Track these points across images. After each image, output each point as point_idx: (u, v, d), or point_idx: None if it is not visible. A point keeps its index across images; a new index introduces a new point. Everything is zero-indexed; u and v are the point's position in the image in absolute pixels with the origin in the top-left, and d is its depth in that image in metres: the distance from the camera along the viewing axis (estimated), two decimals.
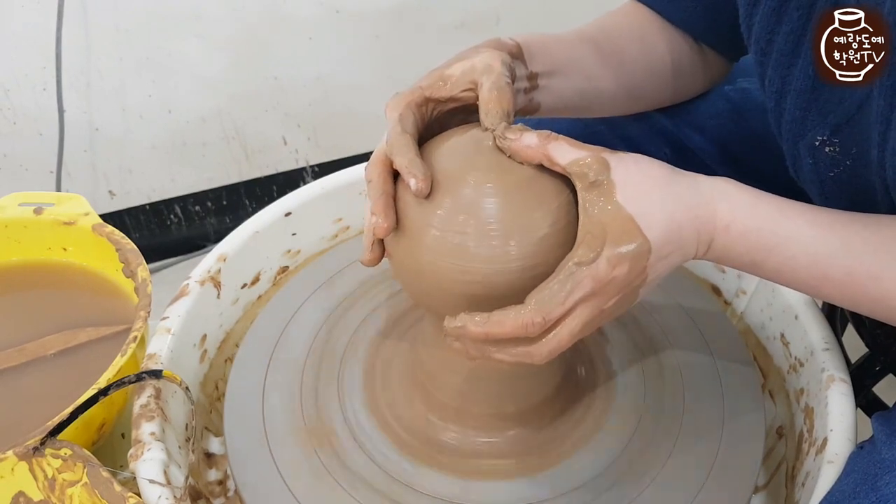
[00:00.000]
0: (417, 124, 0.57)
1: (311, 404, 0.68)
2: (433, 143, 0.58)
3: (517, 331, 0.50)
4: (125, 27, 1.35)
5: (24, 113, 1.38)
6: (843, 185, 0.60)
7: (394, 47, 1.53)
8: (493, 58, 0.57)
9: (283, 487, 0.62)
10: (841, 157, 0.58)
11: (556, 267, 0.51)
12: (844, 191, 0.60)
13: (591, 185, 0.52)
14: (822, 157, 0.60)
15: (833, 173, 0.60)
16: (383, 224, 0.55)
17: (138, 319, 0.68)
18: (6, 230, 0.80)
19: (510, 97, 0.55)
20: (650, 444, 0.65)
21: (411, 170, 0.53)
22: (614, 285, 0.51)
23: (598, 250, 0.51)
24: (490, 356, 0.53)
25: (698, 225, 0.54)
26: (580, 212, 0.52)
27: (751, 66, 0.88)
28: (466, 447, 0.64)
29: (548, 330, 0.51)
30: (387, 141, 0.56)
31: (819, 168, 0.61)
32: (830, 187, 0.61)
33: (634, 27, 0.74)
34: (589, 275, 0.50)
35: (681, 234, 0.53)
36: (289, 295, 0.79)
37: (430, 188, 0.54)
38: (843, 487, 0.55)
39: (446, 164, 0.55)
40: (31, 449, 0.58)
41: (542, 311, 0.50)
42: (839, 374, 0.64)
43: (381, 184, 0.56)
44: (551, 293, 0.50)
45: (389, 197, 0.56)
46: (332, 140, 1.63)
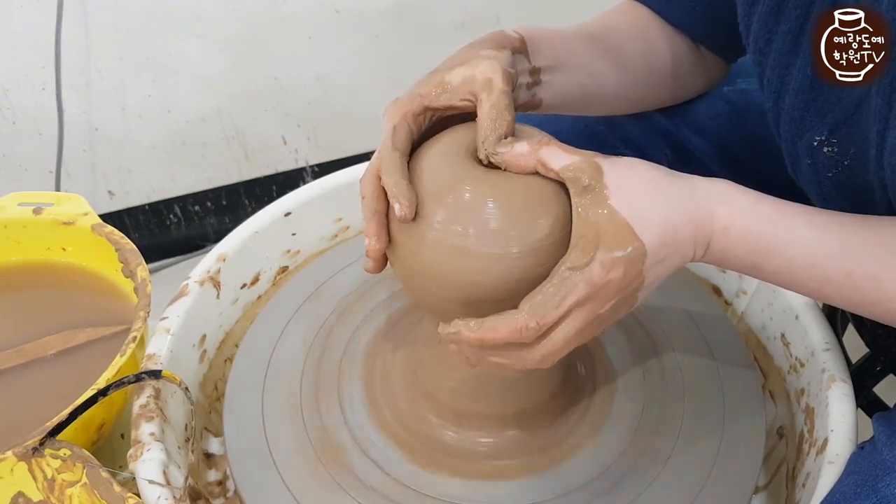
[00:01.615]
0: (413, 136, 0.57)
1: (311, 404, 0.68)
2: (432, 142, 0.58)
3: (511, 336, 0.50)
4: (125, 27, 1.35)
5: (24, 113, 1.38)
6: (842, 186, 0.60)
7: (394, 47, 1.53)
8: (494, 69, 0.56)
9: (282, 487, 0.62)
10: (839, 157, 0.58)
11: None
12: (843, 191, 0.60)
13: (584, 190, 0.52)
14: (820, 158, 0.60)
15: (831, 174, 0.60)
16: (375, 246, 0.57)
17: (138, 319, 0.68)
18: (6, 230, 0.80)
19: (509, 120, 0.55)
20: (650, 445, 0.65)
21: (396, 194, 0.54)
22: (609, 289, 0.51)
23: (592, 254, 0.50)
24: (486, 360, 0.53)
25: (695, 227, 0.53)
26: (573, 216, 0.52)
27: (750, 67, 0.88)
28: (466, 447, 0.64)
29: (543, 335, 0.51)
30: (378, 155, 0.56)
31: (818, 168, 0.61)
32: (829, 188, 0.61)
33: (635, 25, 0.74)
34: (583, 279, 0.50)
35: (677, 236, 0.53)
36: (289, 295, 0.79)
37: (415, 212, 0.54)
38: (844, 488, 0.54)
39: (445, 165, 0.55)
40: (31, 449, 0.58)
41: (535, 317, 0.50)
42: (840, 374, 0.64)
43: (373, 202, 0.57)
44: (545, 298, 0.50)
45: (382, 216, 0.56)
46: (331, 140, 1.63)
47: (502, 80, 0.56)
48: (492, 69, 0.56)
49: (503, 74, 0.56)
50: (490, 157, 0.54)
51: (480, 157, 0.55)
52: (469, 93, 0.57)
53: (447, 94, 0.58)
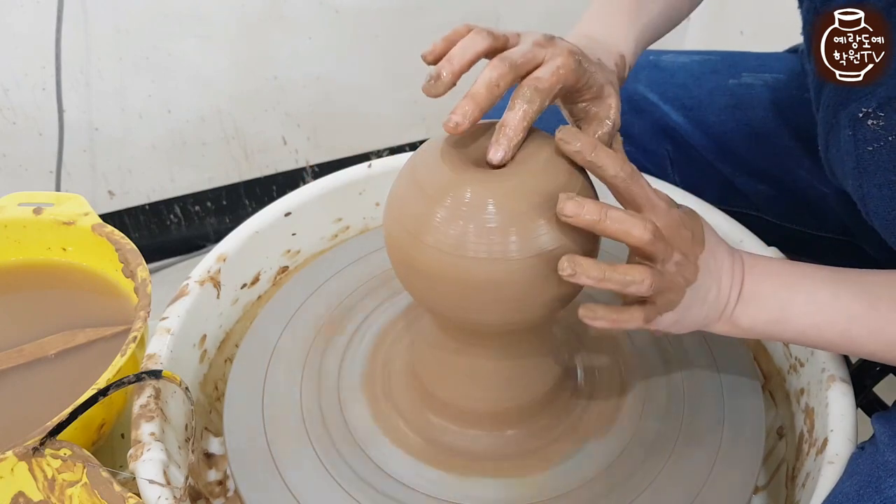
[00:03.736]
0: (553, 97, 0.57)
1: (311, 404, 0.68)
2: (434, 143, 0.58)
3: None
4: (125, 27, 1.35)
5: (24, 113, 1.38)
6: (882, 162, 0.58)
7: (394, 47, 1.53)
8: (614, 112, 0.61)
9: (282, 487, 0.62)
10: (884, 131, 0.57)
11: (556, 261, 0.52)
12: (881, 168, 0.58)
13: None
14: (863, 130, 0.58)
15: (872, 147, 0.58)
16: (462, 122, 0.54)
17: (138, 319, 0.68)
18: (6, 230, 0.80)
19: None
20: (650, 445, 0.65)
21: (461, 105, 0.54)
22: (680, 238, 0.54)
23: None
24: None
25: (732, 262, 0.57)
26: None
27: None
28: (467, 446, 0.64)
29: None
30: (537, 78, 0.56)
31: (858, 141, 0.59)
32: (868, 162, 0.59)
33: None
34: (664, 201, 0.55)
35: (722, 260, 0.57)
36: (289, 295, 0.79)
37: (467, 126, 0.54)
38: (846, 489, 0.54)
39: (447, 166, 0.55)
40: (31, 449, 0.58)
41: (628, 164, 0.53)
42: (839, 374, 0.64)
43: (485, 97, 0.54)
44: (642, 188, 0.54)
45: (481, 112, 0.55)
46: (332, 140, 1.63)
47: (612, 122, 0.61)
48: (614, 113, 0.61)
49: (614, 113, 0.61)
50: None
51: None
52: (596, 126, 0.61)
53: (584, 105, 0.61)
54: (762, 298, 0.57)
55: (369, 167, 0.87)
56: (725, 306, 0.57)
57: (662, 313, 0.55)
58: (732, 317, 0.58)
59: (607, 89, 0.60)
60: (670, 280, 0.54)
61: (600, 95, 0.60)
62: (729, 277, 0.57)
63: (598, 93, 0.60)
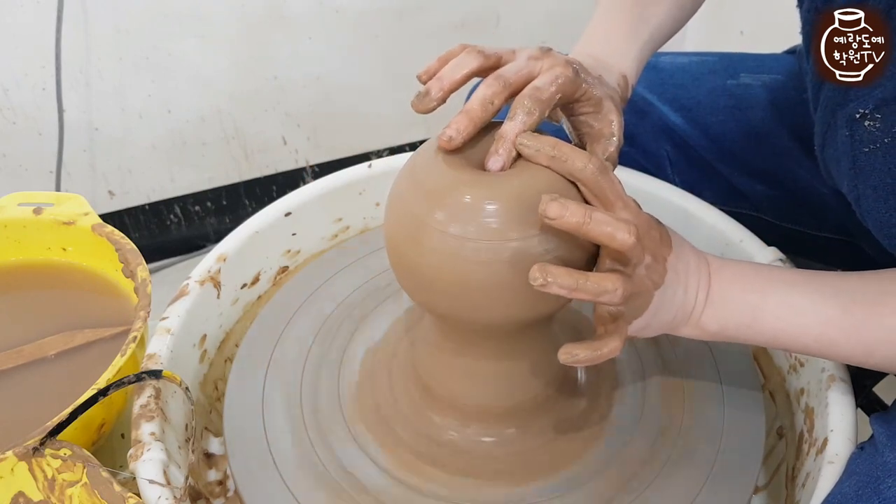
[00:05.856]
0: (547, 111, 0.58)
1: (311, 404, 0.68)
2: (434, 145, 0.58)
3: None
4: (125, 27, 1.35)
5: (24, 113, 1.38)
6: (877, 163, 0.58)
7: (394, 47, 1.53)
8: (617, 128, 0.61)
9: (282, 487, 0.62)
10: (880, 133, 0.57)
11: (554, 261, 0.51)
12: (876, 169, 0.58)
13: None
14: (860, 131, 0.58)
15: (868, 149, 0.58)
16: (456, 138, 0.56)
17: (138, 319, 0.68)
18: (6, 230, 0.80)
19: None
20: (650, 444, 0.65)
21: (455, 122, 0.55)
22: (650, 239, 0.54)
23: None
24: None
25: (697, 263, 0.57)
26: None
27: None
28: (467, 446, 0.64)
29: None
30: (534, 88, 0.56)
31: (855, 141, 0.59)
32: (863, 163, 0.59)
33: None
34: (633, 204, 0.54)
35: (688, 261, 0.56)
36: (289, 295, 0.79)
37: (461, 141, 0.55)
38: (846, 490, 0.54)
39: (446, 168, 0.55)
40: (31, 449, 0.58)
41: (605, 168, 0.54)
42: (839, 374, 0.64)
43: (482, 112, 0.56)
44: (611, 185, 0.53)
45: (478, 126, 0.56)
46: (332, 140, 1.63)
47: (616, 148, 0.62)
48: (619, 130, 0.62)
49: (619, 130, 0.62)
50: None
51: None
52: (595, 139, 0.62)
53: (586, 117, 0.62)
54: (731, 302, 0.57)
55: (369, 167, 0.87)
56: (693, 309, 0.57)
57: (631, 322, 0.55)
58: (700, 320, 0.57)
59: (607, 104, 0.60)
60: (640, 284, 0.54)
61: (599, 109, 0.60)
62: (696, 279, 0.57)
63: (598, 106, 0.60)
